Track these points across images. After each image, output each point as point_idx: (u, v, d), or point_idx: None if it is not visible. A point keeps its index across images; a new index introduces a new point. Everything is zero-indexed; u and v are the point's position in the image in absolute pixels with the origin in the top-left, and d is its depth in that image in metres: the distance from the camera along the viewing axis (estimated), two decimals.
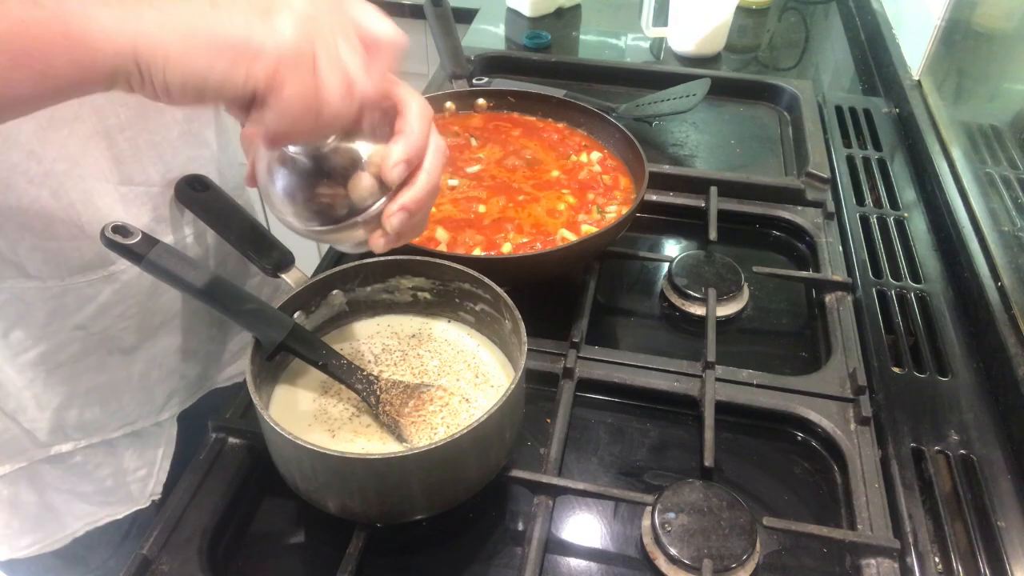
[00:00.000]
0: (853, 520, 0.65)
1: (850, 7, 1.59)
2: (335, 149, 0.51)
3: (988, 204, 0.90)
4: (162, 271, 0.61)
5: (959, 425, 0.72)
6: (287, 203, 0.53)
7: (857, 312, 0.84)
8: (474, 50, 1.33)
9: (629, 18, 1.58)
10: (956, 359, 0.79)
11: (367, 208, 0.52)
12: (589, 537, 0.66)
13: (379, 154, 0.52)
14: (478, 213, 0.87)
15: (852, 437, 0.71)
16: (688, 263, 0.89)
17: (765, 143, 1.17)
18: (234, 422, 0.70)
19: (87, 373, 0.75)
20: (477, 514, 0.66)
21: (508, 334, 0.68)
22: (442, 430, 0.64)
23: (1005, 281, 0.81)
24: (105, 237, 0.60)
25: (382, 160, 0.52)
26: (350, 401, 0.67)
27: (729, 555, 0.60)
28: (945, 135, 1.06)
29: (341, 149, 0.51)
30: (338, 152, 0.51)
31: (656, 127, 1.17)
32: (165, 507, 0.64)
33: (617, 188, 0.92)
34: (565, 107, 1.02)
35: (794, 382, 0.76)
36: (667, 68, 1.35)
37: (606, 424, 0.75)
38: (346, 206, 0.52)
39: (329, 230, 0.53)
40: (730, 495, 0.64)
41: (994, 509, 0.65)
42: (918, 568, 0.61)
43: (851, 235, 0.94)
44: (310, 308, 0.70)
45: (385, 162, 0.52)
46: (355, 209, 0.52)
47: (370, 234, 0.54)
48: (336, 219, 0.53)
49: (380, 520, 0.62)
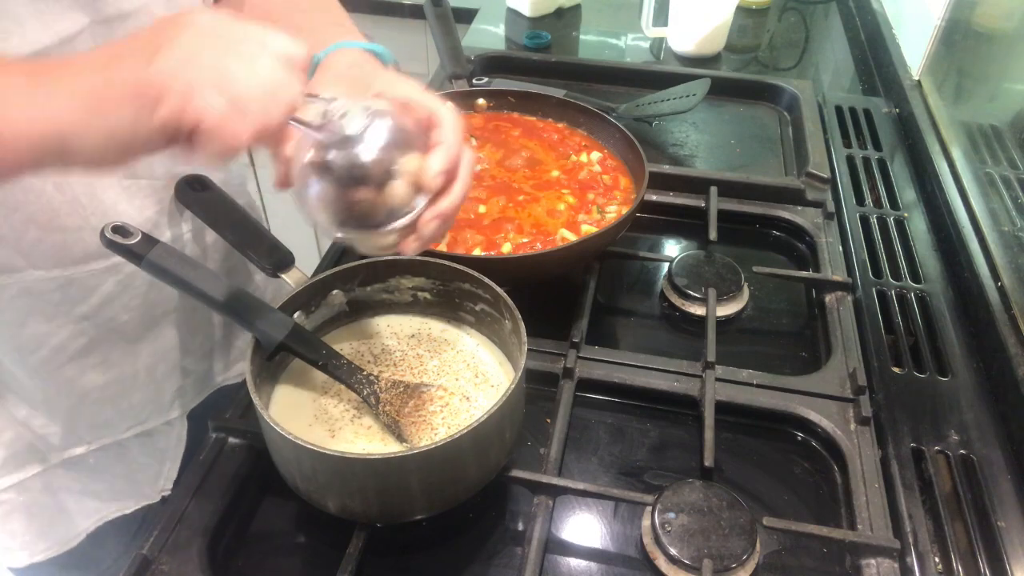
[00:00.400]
0: (853, 520, 0.65)
1: (850, 7, 1.59)
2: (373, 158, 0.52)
3: (988, 204, 0.90)
4: (162, 271, 0.61)
5: (959, 425, 0.72)
6: (323, 208, 0.54)
7: (857, 312, 0.84)
8: (474, 50, 1.33)
9: (629, 18, 1.58)
10: (956, 359, 0.79)
11: (404, 214, 0.54)
12: (589, 537, 0.66)
13: (414, 163, 0.54)
14: (478, 213, 0.87)
15: (852, 437, 0.71)
16: (688, 263, 0.89)
17: (765, 143, 1.17)
18: (234, 422, 0.70)
19: (95, 370, 0.75)
20: (477, 514, 0.66)
21: (508, 334, 0.68)
22: (442, 430, 0.64)
23: (1005, 281, 0.81)
24: (105, 237, 0.60)
25: (421, 169, 0.54)
26: (350, 401, 0.67)
27: (729, 555, 0.60)
28: (945, 135, 1.06)
29: (379, 157, 0.52)
30: (376, 160, 0.52)
31: (656, 127, 1.17)
32: (165, 507, 0.65)
33: (617, 188, 0.92)
34: (565, 107, 1.02)
35: (794, 382, 0.76)
36: (667, 68, 1.35)
37: (606, 424, 0.75)
38: (382, 212, 0.54)
39: (363, 235, 0.55)
40: (730, 495, 0.64)
41: (994, 509, 0.65)
42: (918, 568, 0.61)
43: (851, 235, 0.94)
44: (310, 308, 0.70)
45: (426, 172, 0.54)
46: (391, 215, 0.54)
47: (402, 239, 0.56)
48: (371, 224, 0.54)
49: (380, 520, 0.62)
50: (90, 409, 0.77)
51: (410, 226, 0.55)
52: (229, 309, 0.63)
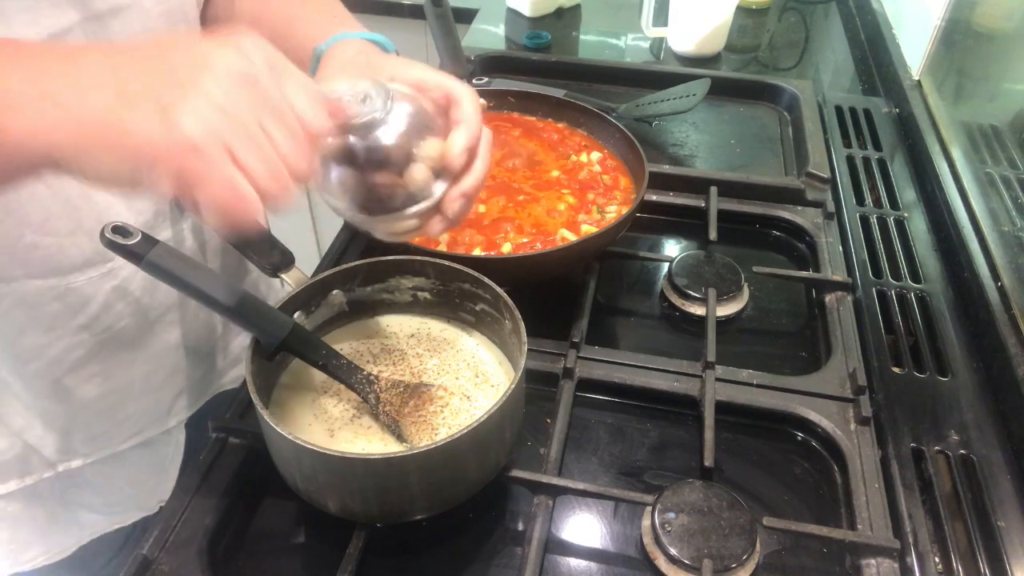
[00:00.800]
0: (853, 520, 0.65)
1: (850, 7, 1.59)
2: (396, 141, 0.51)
3: (988, 204, 0.90)
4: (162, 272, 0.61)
5: (959, 425, 0.72)
6: (343, 192, 0.54)
7: (857, 312, 0.84)
8: (474, 50, 1.33)
9: (629, 18, 1.58)
10: (956, 359, 0.79)
11: (425, 196, 0.54)
12: (589, 537, 0.66)
13: (434, 145, 0.53)
14: (478, 213, 0.87)
15: (852, 437, 0.71)
16: (688, 263, 0.89)
17: (765, 143, 1.17)
18: (234, 422, 0.70)
19: (92, 380, 0.74)
20: (477, 514, 0.66)
21: (508, 334, 0.68)
22: (443, 430, 0.64)
23: (1005, 281, 0.81)
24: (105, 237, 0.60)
25: (445, 149, 0.54)
26: (350, 401, 0.67)
27: (729, 555, 0.60)
28: (945, 135, 1.06)
29: (400, 141, 0.52)
30: (398, 144, 0.52)
31: (656, 127, 1.17)
32: (165, 507, 0.65)
33: (617, 188, 0.92)
34: (565, 107, 1.02)
35: (794, 382, 0.76)
36: (667, 68, 1.35)
37: (606, 424, 0.75)
38: (404, 195, 0.54)
39: (386, 219, 0.55)
40: (730, 495, 0.64)
41: (994, 509, 0.65)
42: (918, 568, 0.61)
43: (851, 235, 0.94)
44: (310, 308, 0.70)
45: (450, 151, 0.53)
46: (413, 198, 0.54)
47: (426, 220, 0.55)
48: (393, 208, 0.54)
49: (380, 520, 0.62)
50: (87, 421, 0.76)
51: (433, 208, 0.55)
52: (229, 309, 0.63)
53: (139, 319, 0.76)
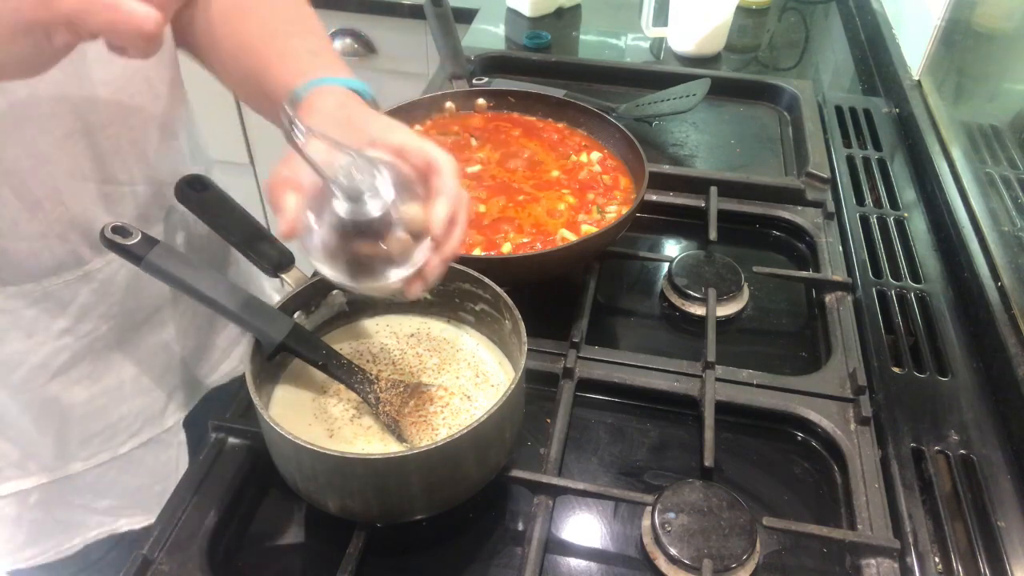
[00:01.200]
0: (853, 520, 0.65)
1: (850, 7, 1.59)
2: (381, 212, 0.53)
3: (988, 204, 0.90)
4: (162, 272, 0.61)
5: (959, 425, 0.72)
6: (328, 258, 0.56)
7: (857, 312, 0.84)
8: (474, 50, 1.33)
9: (629, 18, 1.58)
10: (956, 359, 0.79)
11: (407, 262, 0.56)
12: (589, 537, 0.66)
13: (416, 212, 0.55)
14: (478, 213, 0.87)
15: (852, 437, 0.71)
16: (688, 263, 0.89)
17: (765, 143, 1.17)
18: (234, 422, 0.70)
19: (80, 384, 0.74)
20: (477, 514, 0.66)
21: (508, 334, 0.68)
22: (443, 430, 0.64)
23: (1005, 281, 0.81)
24: (105, 238, 0.60)
25: (427, 218, 0.55)
26: (350, 401, 0.67)
27: (729, 555, 0.60)
28: (945, 135, 1.06)
29: (386, 211, 0.53)
30: (383, 214, 0.53)
31: (656, 127, 1.17)
32: (165, 507, 0.64)
33: (617, 188, 0.92)
34: (565, 107, 1.02)
35: (794, 382, 0.76)
36: (667, 68, 1.35)
37: (606, 424, 0.75)
38: (387, 262, 0.56)
39: (370, 287, 0.57)
40: (730, 495, 0.64)
41: (994, 509, 0.65)
42: (918, 568, 0.61)
43: (851, 235, 0.94)
44: (310, 308, 0.70)
45: (432, 222, 0.55)
46: (396, 264, 0.56)
47: (407, 284, 0.58)
48: (377, 274, 0.56)
49: (380, 520, 0.62)
50: (78, 424, 0.76)
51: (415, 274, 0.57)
52: (229, 309, 0.63)
53: (124, 321, 0.75)
